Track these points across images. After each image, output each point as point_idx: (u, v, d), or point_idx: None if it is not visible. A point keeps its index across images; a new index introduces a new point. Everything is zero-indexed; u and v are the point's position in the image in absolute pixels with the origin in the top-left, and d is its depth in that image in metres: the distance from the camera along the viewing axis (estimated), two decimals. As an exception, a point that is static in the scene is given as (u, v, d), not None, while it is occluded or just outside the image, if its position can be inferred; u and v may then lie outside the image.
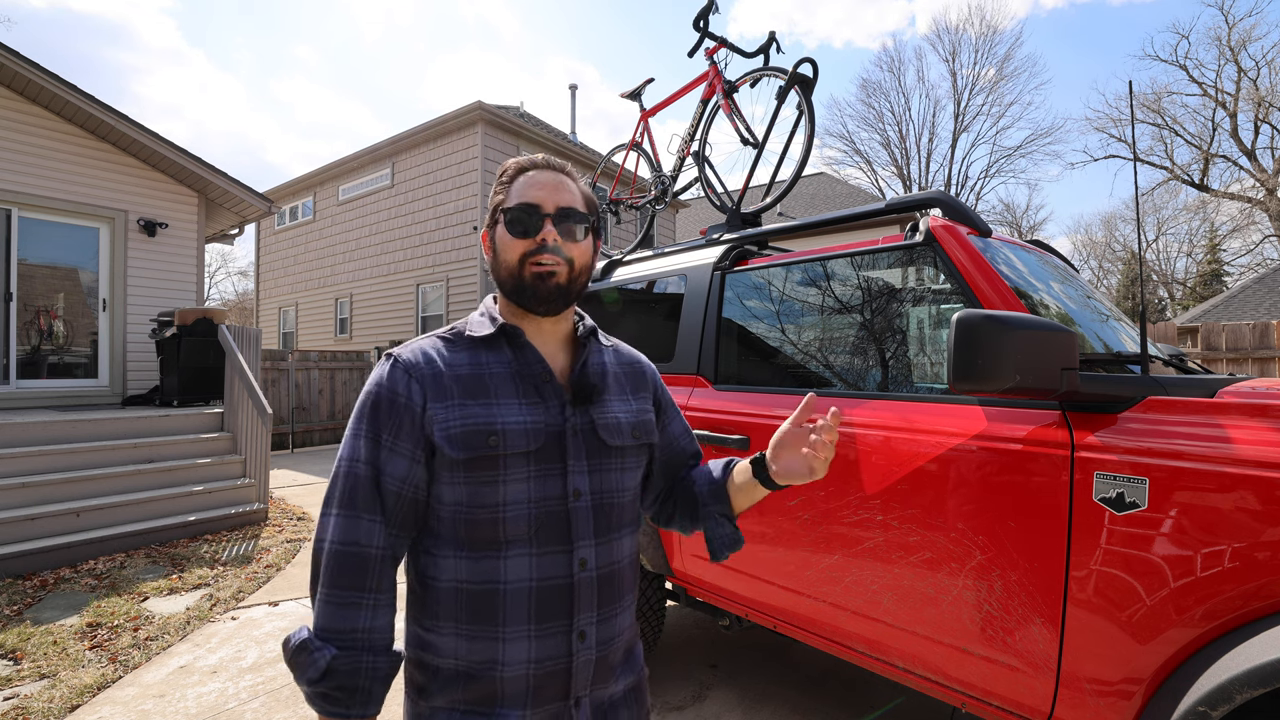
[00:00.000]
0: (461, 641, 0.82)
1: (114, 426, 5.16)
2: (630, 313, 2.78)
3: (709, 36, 3.12)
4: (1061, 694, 1.33)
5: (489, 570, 0.82)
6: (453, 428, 0.83)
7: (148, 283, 6.93)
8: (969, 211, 1.81)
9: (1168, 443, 1.23)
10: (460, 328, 0.94)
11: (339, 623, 0.79)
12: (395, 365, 0.86)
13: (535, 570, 0.83)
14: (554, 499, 0.86)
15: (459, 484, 0.83)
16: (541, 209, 0.89)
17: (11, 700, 2.51)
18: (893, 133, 26.97)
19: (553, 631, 0.83)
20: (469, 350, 0.90)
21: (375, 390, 0.85)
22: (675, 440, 1.10)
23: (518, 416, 0.86)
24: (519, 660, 0.82)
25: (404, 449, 0.83)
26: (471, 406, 0.85)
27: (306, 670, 0.76)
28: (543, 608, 0.83)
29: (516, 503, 0.83)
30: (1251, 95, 20.59)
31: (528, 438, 0.85)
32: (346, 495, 0.82)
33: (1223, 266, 24.37)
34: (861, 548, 1.67)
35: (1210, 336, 4.73)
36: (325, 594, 0.79)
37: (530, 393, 0.89)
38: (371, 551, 0.81)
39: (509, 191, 0.91)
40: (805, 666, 2.76)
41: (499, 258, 0.91)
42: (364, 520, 0.81)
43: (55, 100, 6.10)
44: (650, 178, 3.61)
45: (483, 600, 0.82)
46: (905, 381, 1.75)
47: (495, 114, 11.37)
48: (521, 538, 0.83)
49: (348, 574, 0.79)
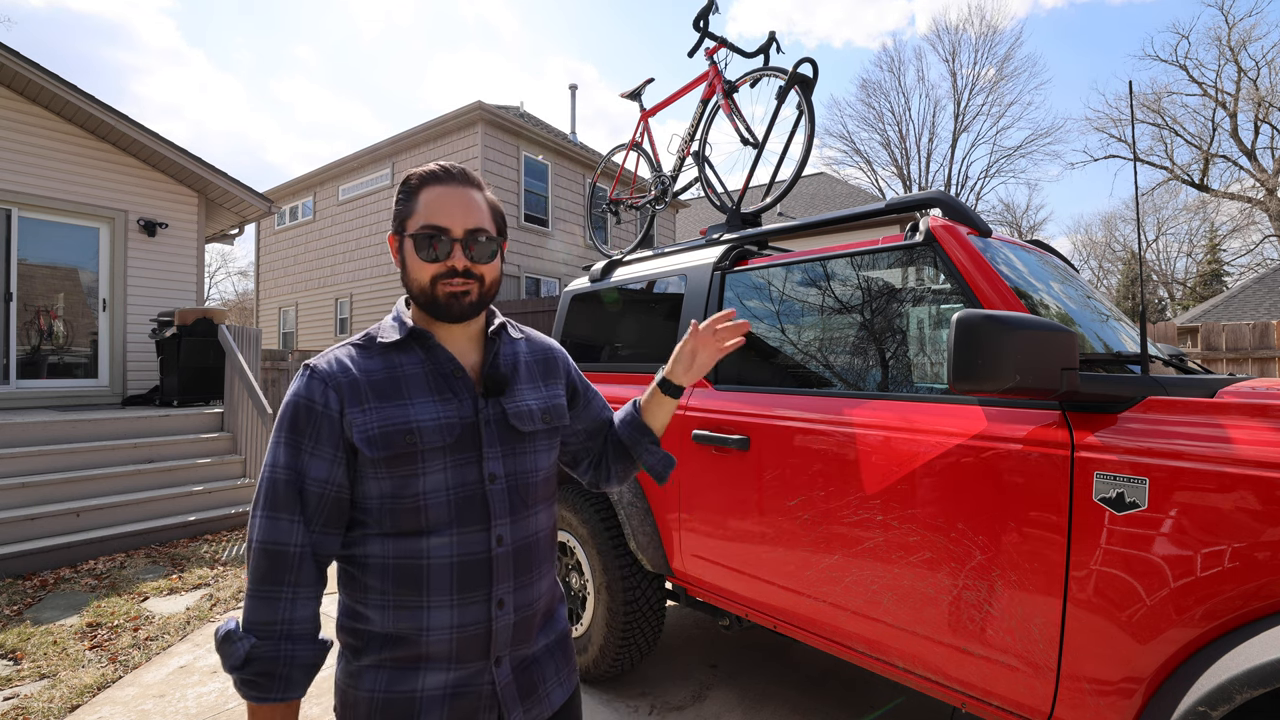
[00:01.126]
0: (389, 611, 0.89)
1: (114, 426, 5.16)
2: (630, 313, 2.78)
3: (709, 36, 3.11)
4: (1061, 694, 1.33)
5: (413, 548, 0.89)
6: (371, 430, 0.89)
7: (148, 283, 6.93)
8: (969, 211, 1.81)
9: (1168, 443, 1.23)
10: (373, 334, 0.98)
11: (260, 615, 0.84)
12: (312, 376, 0.91)
13: (456, 548, 0.91)
14: (471, 484, 0.93)
15: (383, 479, 0.89)
16: (450, 233, 0.92)
17: (11, 700, 2.51)
18: (893, 133, 26.99)
19: (473, 600, 0.91)
20: (382, 355, 0.95)
21: (294, 400, 0.90)
22: (597, 414, 1.20)
23: (432, 413, 0.92)
24: (442, 626, 0.89)
25: (324, 453, 0.89)
26: (387, 408, 0.90)
27: (229, 657, 0.82)
28: (464, 580, 0.91)
29: (436, 491, 0.90)
30: (1251, 95, 20.59)
31: (442, 433, 0.91)
32: (268, 498, 0.87)
33: (1223, 266, 24.37)
34: (861, 548, 1.67)
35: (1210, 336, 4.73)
36: (250, 589, 0.86)
37: (443, 389, 0.94)
38: (290, 549, 0.86)
39: (414, 205, 0.94)
40: (805, 666, 2.76)
41: (409, 274, 0.95)
42: (282, 520, 0.86)
43: (55, 100, 6.10)
44: (650, 178, 3.61)
45: (408, 574, 0.89)
46: (905, 381, 1.75)
47: (495, 114, 11.37)
48: (443, 521, 0.91)
49: (268, 570, 0.85)
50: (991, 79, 25.94)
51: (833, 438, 1.75)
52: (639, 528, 2.29)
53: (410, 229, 0.94)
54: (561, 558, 2.66)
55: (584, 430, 1.18)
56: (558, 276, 13.10)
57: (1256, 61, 20.76)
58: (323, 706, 2.45)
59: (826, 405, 1.82)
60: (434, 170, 0.95)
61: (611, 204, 4.01)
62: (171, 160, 6.78)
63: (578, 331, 2.98)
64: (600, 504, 2.50)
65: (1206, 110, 21.96)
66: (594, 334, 2.90)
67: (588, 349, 2.86)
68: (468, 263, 0.93)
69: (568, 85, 16.02)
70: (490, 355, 1.00)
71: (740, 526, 1.98)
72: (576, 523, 2.50)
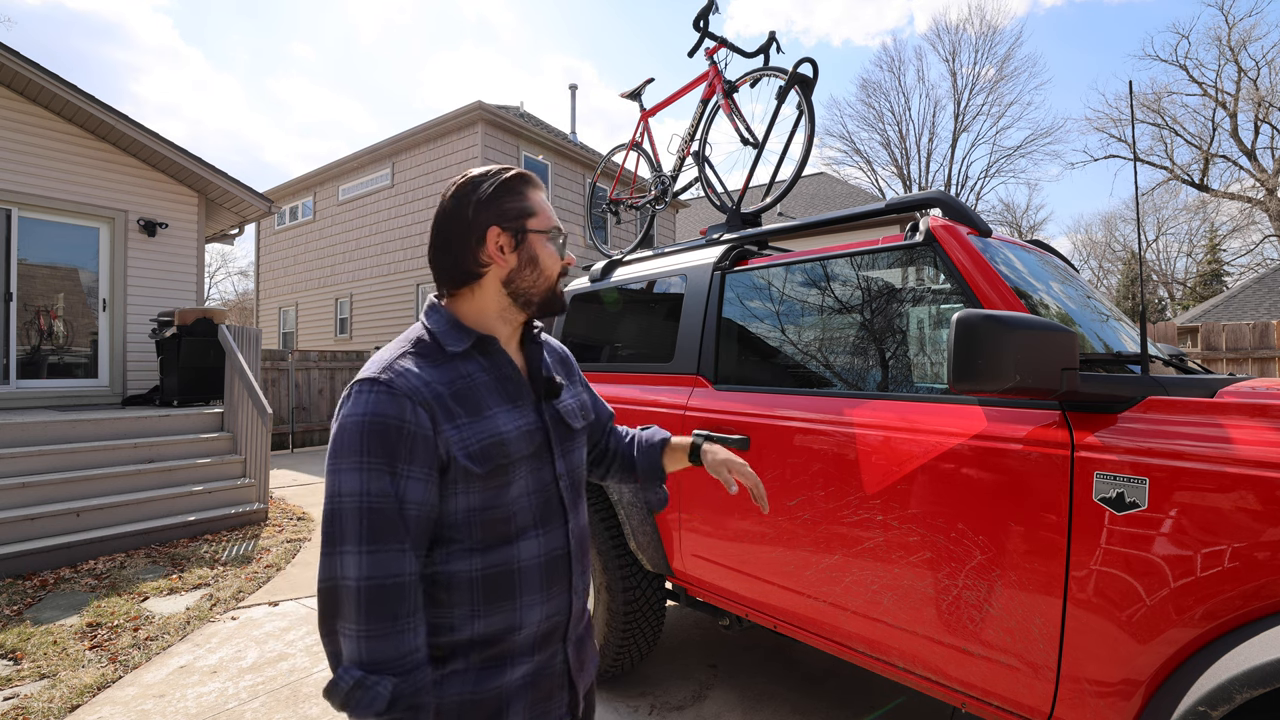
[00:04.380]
0: (479, 620, 0.88)
1: (114, 426, 5.16)
2: (630, 313, 2.78)
3: (709, 36, 3.12)
4: (1061, 694, 1.33)
5: (504, 557, 0.89)
6: (471, 446, 0.86)
7: (148, 283, 6.93)
8: (969, 211, 1.81)
9: (1168, 443, 1.23)
10: (429, 340, 0.92)
11: (390, 652, 0.78)
12: (392, 392, 0.83)
13: (542, 547, 0.93)
14: (548, 485, 0.96)
15: (474, 493, 0.87)
16: (563, 234, 0.99)
17: (11, 700, 2.51)
18: (893, 133, 27.01)
19: (558, 592, 0.95)
20: (449, 364, 0.91)
21: (376, 420, 0.81)
22: (599, 411, 1.25)
23: (513, 422, 0.92)
24: (534, 621, 0.91)
25: (419, 473, 0.83)
26: (479, 422, 0.88)
27: (372, 705, 0.76)
28: (550, 576, 0.94)
29: (521, 497, 0.91)
30: (1251, 95, 20.59)
31: (526, 440, 0.92)
32: (366, 531, 0.79)
33: (1223, 266, 24.37)
34: (861, 547, 1.67)
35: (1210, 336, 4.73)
36: (365, 630, 0.78)
37: (513, 396, 0.95)
38: (406, 579, 0.81)
39: (529, 205, 0.96)
40: (805, 666, 2.76)
41: (542, 270, 0.96)
42: (390, 552, 0.80)
43: (55, 100, 6.10)
44: (650, 178, 3.61)
45: (500, 582, 0.89)
46: (905, 381, 1.75)
47: (495, 114, 11.37)
48: (529, 525, 0.92)
49: (387, 607, 0.79)
50: (991, 79, 26.01)
51: (833, 438, 1.75)
52: (639, 528, 2.29)
53: (537, 226, 0.95)
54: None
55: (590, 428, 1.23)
56: (558, 276, 13.07)
57: (1256, 61, 20.79)
58: (321, 707, 2.45)
59: (826, 405, 1.82)
60: (525, 173, 0.98)
61: (611, 204, 4.01)
62: (171, 160, 6.78)
63: (578, 331, 2.98)
64: (600, 504, 2.50)
65: (1206, 110, 21.99)
66: (594, 334, 2.90)
67: (588, 349, 2.86)
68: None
69: (568, 85, 16.03)
70: (536, 357, 1.02)
71: (740, 526, 1.98)
72: (576, 523, 2.49)
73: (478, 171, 0.96)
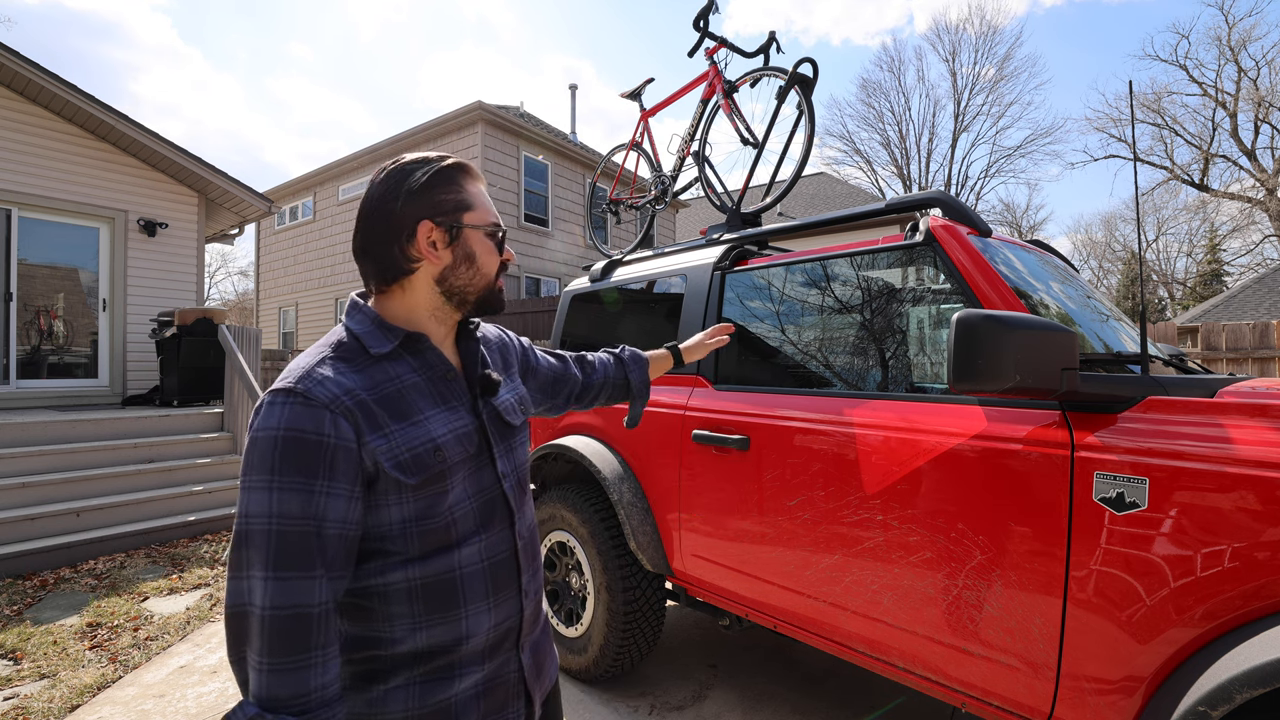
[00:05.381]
0: (421, 631, 0.83)
1: (114, 426, 5.16)
2: (630, 313, 2.78)
3: (709, 36, 3.12)
4: (1061, 694, 1.33)
5: (444, 564, 0.85)
6: (401, 455, 0.80)
7: (148, 283, 6.93)
8: (969, 211, 1.81)
9: (1168, 443, 1.23)
10: (350, 342, 0.85)
11: (289, 689, 0.71)
12: (309, 403, 0.76)
13: (485, 552, 0.89)
14: (490, 487, 0.91)
15: (407, 503, 0.81)
16: (502, 229, 0.94)
17: (11, 700, 2.51)
18: (893, 133, 27.00)
19: (507, 597, 0.91)
20: (374, 367, 0.84)
21: (289, 434, 0.74)
22: (551, 369, 1.25)
23: (446, 425, 0.86)
24: (482, 630, 0.87)
25: (341, 489, 0.76)
26: (408, 429, 0.82)
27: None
28: (496, 580, 0.89)
29: (461, 502, 0.87)
30: (1251, 95, 20.58)
31: (463, 444, 0.87)
32: (274, 555, 0.72)
33: (1223, 266, 24.36)
34: (861, 547, 1.67)
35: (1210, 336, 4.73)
36: (267, 663, 0.71)
37: (445, 397, 0.89)
38: (315, 610, 0.73)
39: (466, 197, 0.89)
40: (805, 666, 2.76)
41: (479, 269, 0.91)
42: (297, 580, 0.72)
43: (55, 100, 6.10)
44: (650, 178, 3.61)
45: (441, 590, 0.84)
46: (905, 381, 1.75)
47: (495, 114, 11.37)
48: (470, 530, 0.88)
49: (293, 639, 0.72)
50: (991, 79, 25.97)
51: (833, 438, 1.75)
52: (639, 528, 2.29)
53: (474, 221, 0.89)
54: (561, 558, 2.66)
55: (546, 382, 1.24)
56: (558, 276, 13.10)
57: (1256, 61, 20.78)
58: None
59: (826, 405, 1.82)
60: (463, 163, 0.91)
61: (611, 204, 4.01)
62: (171, 160, 6.78)
63: (578, 331, 2.98)
64: (600, 504, 2.50)
65: (1206, 110, 21.98)
66: (594, 334, 2.90)
67: (588, 349, 2.86)
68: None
69: (567, 85, 16.03)
70: (471, 354, 0.96)
71: (740, 526, 1.98)
72: (576, 523, 2.50)
73: (411, 158, 0.88)
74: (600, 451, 2.49)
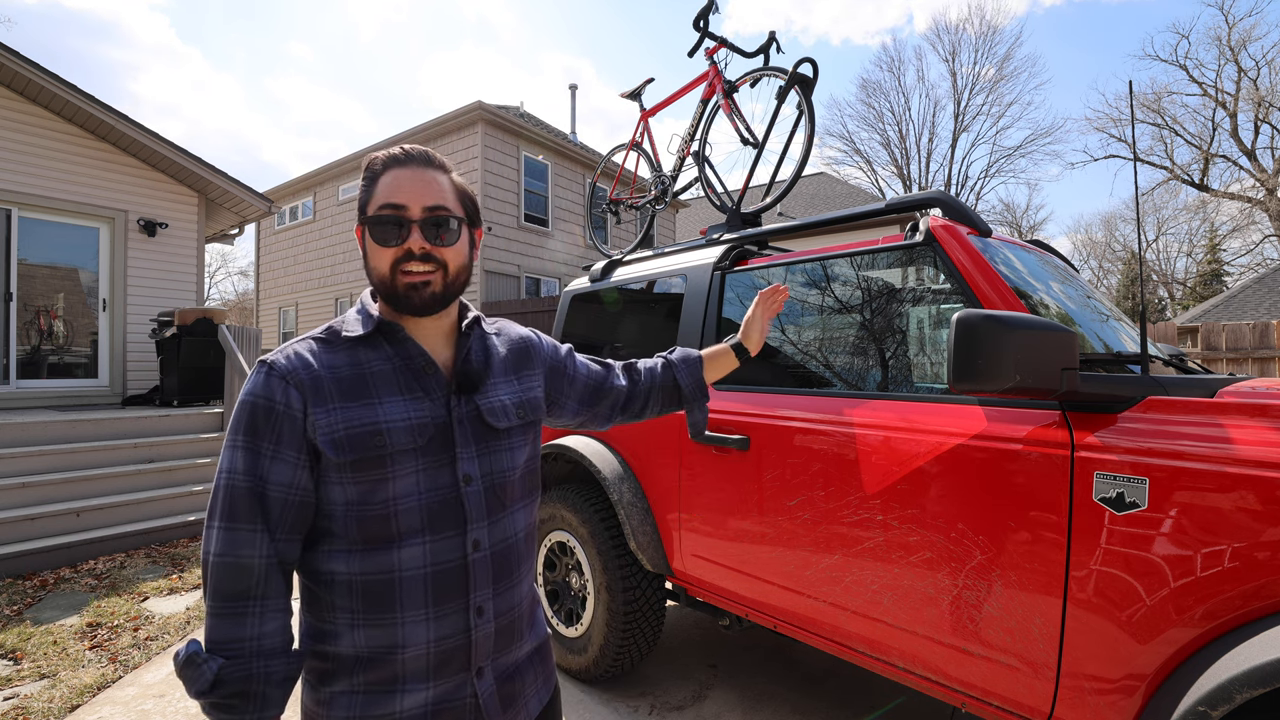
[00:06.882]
0: (359, 631, 0.84)
1: (114, 426, 5.16)
2: (630, 313, 2.78)
3: (709, 36, 3.12)
4: (1061, 694, 1.33)
5: (384, 562, 0.84)
6: (336, 432, 0.82)
7: (148, 283, 6.93)
8: (969, 211, 1.81)
9: (1168, 443, 1.23)
10: (336, 327, 0.90)
11: (226, 633, 0.78)
12: (271, 373, 0.83)
13: (430, 557, 0.85)
14: (445, 488, 0.87)
15: (348, 484, 0.83)
16: (407, 213, 0.85)
17: (11, 700, 2.51)
18: (893, 133, 27.00)
19: (450, 611, 0.86)
20: (348, 350, 0.88)
21: (250, 399, 0.82)
22: (591, 377, 1.19)
23: (401, 413, 0.86)
24: (419, 642, 0.84)
25: (287, 455, 0.82)
26: (354, 408, 0.84)
27: (195, 682, 0.75)
28: (439, 590, 0.85)
29: (407, 496, 0.85)
30: (1251, 95, 20.58)
31: (413, 434, 0.85)
32: (226, 508, 0.80)
33: (1223, 266, 24.37)
34: (861, 547, 1.67)
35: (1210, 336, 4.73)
36: (212, 606, 0.79)
37: (413, 387, 0.88)
38: (254, 561, 0.79)
39: (373, 191, 0.87)
40: (805, 666, 2.76)
41: (369, 264, 0.89)
42: (242, 531, 0.79)
43: (55, 100, 6.10)
44: (650, 178, 3.61)
45: (379, 590, 0.83)
46: (905, 381, 1.75)
47: (495, 114, 11.36)
48: (414, 529, 0.85)
49: (231, 585, 0.78)
50: (991, 79, 25.97)
51: (833, 438, 1.75)
52: (639, 528, 2.29)
53: (367, 215, 0.87)
54: (561, 558, 2.66)
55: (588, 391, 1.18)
56: (558, 276, 13.10)
57: (1256, 61, 20.78)
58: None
59: (826, 405, 1.82)
60: (395, 153, 0.88)
61: (611, 204, 4.01)
62: (171, 160, 6.78)
63: (578, 331, 2.98)
64: (600, 504, 2.50)
65: (1206, 110, 21.98)
66: (594, 334, 2.90)
67: (588, 349, 2.86)
68: (427, 245, 0.86)
69: (567, 85, 16.04)
70: (463, 351, 0.94)
71: (740, 526, 1.98)
72: (576, 523, 2.50)
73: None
74: (600, 451, 2.49)
